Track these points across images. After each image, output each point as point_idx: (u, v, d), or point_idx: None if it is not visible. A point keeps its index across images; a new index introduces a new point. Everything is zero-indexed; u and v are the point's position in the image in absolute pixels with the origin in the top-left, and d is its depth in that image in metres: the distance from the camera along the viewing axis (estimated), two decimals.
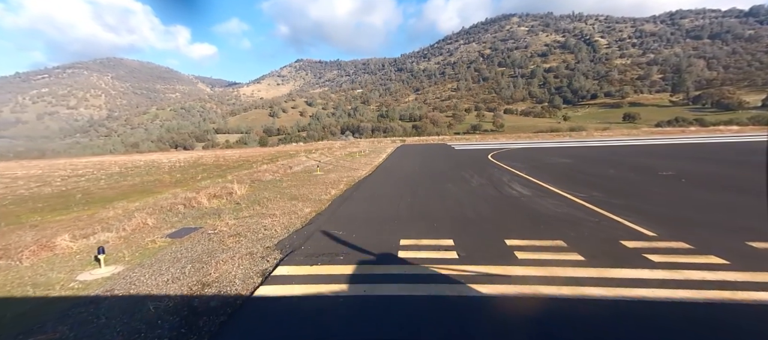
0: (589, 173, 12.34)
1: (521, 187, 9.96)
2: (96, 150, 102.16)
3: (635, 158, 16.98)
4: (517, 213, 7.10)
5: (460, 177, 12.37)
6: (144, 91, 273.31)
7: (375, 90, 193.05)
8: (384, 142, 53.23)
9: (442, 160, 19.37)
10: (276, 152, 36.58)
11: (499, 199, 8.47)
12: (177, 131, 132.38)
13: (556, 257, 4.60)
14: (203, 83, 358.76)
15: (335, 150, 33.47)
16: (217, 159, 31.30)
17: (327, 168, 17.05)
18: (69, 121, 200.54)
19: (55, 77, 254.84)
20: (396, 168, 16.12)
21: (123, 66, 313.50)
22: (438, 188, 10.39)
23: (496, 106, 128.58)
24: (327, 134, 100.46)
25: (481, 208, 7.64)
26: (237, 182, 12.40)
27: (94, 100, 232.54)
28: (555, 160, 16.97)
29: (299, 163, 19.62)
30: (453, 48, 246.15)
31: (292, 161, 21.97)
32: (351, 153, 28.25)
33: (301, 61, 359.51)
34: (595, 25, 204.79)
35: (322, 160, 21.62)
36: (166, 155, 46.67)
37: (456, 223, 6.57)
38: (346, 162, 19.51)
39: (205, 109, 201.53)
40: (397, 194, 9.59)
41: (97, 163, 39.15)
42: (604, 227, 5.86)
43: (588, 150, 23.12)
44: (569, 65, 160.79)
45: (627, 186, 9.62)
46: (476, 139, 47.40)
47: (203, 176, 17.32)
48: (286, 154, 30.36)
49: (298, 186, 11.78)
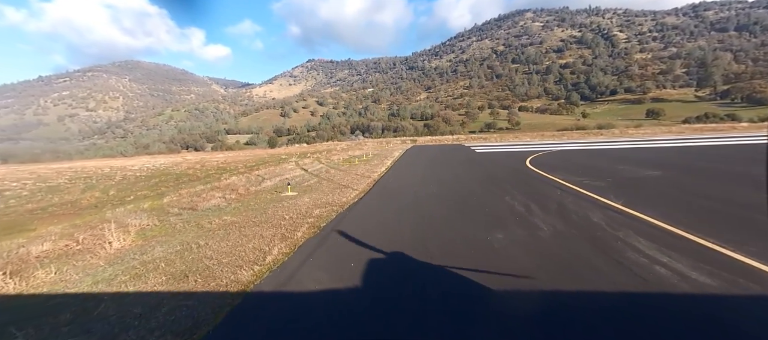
0: (747, 204, 6.72)
1: (664, 253, 4.49)
2: (107, 152, 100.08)
3: (749, 167, 11.44)
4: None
5: (506, 209, 7.24)
6: (160, 92, 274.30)
7: (386, 89, 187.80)
8: (393, 142, 47.82)
9: (465, 169, 14.21)
10: (269, 156, 31.88)
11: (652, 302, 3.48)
12: (188, 132, 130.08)
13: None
14: (217, 84, 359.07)
15: (336, 153, 28.60)
16: (195, 165, 26.74)
17: (307, 184, 12.17)
18: (88, 123, 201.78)
19: (76, 80, 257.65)
20: (403, 184, 11.01)
21: (140, 68, 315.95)
22: (476, 236, 5.46)
23: (510, 104, 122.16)
24: (336, 134, 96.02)
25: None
26: (147, 216, 7.66)
27: (112, 102, 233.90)
28: (636, 171, 11.32)
29: (277, 175, 14.90)
30: (465, 45, 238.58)
31: (274, 170, 17.29)
32: (351, 158, 23.28)
33: (313, 61, 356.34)
34: (614, 19, 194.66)
35: (310, 169, 16.83)
36: (156, 159, 42.59)
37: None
38: (339, 173, 14.58)
39: (219, 110, 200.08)
40: (398, 256, 4.81)
41: (79, 167, 35.34)
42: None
43: (659, 153, 17.52)
44: (586, 61, 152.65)
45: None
46: (494, 139, 41.61)
47: (136, 195, 12.75)
48: (275, 160, 25.65)
49: (230, 232, 6.84)
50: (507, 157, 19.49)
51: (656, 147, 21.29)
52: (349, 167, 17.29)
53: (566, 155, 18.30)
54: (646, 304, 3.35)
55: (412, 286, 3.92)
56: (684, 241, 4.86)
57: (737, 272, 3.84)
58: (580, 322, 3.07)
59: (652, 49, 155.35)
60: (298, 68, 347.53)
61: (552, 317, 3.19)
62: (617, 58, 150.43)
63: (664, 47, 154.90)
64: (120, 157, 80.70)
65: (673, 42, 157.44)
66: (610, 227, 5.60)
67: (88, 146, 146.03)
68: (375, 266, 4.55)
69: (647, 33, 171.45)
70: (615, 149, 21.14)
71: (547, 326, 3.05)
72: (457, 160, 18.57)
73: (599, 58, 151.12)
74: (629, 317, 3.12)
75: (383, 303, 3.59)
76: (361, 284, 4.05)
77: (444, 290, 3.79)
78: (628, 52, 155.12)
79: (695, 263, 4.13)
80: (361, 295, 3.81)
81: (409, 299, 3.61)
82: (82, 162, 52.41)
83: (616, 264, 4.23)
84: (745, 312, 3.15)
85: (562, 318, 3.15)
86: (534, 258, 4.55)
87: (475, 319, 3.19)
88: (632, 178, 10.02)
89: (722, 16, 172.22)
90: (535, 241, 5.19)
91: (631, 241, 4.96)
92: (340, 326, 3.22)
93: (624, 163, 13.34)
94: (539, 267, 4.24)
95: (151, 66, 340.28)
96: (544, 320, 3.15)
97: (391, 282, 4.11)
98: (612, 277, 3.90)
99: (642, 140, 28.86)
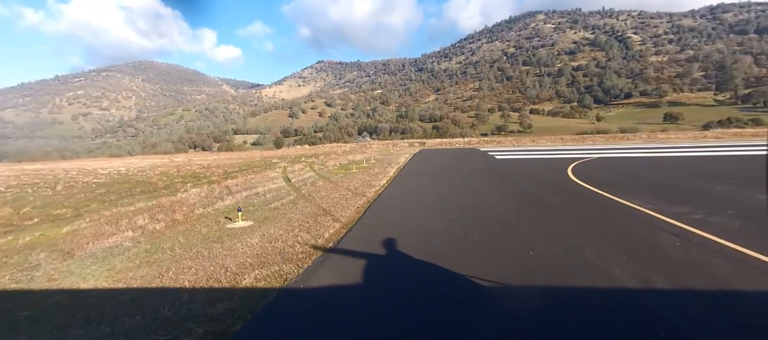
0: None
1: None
2: (115, 151, 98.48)
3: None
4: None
5: (591, 271, 3.79)
6: (172, 92, 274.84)
7: (395, 90, 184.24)
8: (400, 145, 43.94)
9: (490, 184, 10.88)
10: (263, 158, 28.44)
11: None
12: (197, 132, 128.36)
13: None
14: (228, 85, 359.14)
15: (335, 157, 24.94)
16: (172, 169, 23.48)
17: (277, 205, 8.73)
18: (101, 122, 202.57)
19: (91, 80, 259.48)
20: (408, 211, 7.41)
21: (153, 69, 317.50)
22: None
23: (521, 106, 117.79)
24: (343, 135, 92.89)
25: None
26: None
27: (124, 102, 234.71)
28: (748, 195, 7.72)
29: (250, 187, 11.47)
30: (475, 47, 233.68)
31: (250, 180, 13.93)
32: (350, 164, 19.94)
33: (322, 63, 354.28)
34: (628, 21, 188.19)
35: (296, 179, 13.53)
36: (146, 160, 39.64)
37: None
38: (328, 185, 11.03)
39: (228, 110, 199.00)
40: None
41: (62, 168, 32.63)
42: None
43: (728, 163, 13.73)
44: (599, 63, 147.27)
45: None
46: (509, 143, 37.48)
47: (44, 215, 9.53)
48: (264, 164, 22.33)
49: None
50: (538, 166, 15.75)
51: (713, 156, 17.28)
52: (343, 177, 13.98)
53: (616, 165, 14.28)
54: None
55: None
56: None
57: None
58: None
59: (668, 52, 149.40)
60: (308, 69, 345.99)
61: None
62: (631, 61, 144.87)
63: (681, 50, 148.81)
64: (124, 156, 78.72)
65: (690, 45, 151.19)
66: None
67: (99, 144, 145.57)
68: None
69: (663, 35, 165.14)
70: (668, 157, 17.03)
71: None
72: (476, 170, 14.83)
73: (613, 61, 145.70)
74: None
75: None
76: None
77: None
78: (643, 55, 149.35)
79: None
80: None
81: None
82: (79, 162, 50.10)
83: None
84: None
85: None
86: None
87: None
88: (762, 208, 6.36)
89: (741, 18, 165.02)
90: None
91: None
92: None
93: (713, 181, 9.52)
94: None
95: (164, 66, 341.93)
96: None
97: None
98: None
99: (684, 147, 24.65)
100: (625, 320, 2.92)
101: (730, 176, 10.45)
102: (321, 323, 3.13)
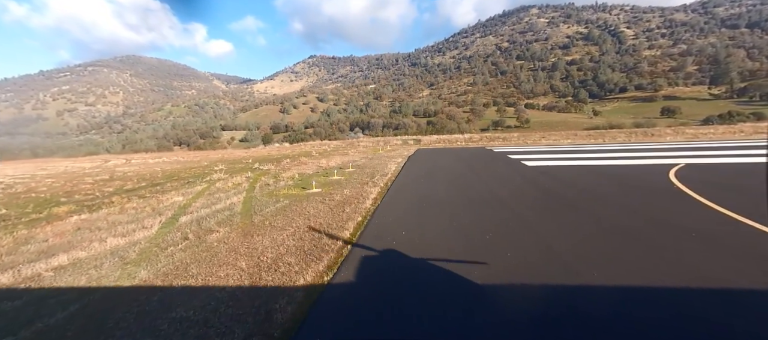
0: None
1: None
2: (91, 149, 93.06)
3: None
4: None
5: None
6: (161, 88, 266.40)
7: (388, 85, 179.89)
8: (392, 143, 39.13)
9: (578, 235, 5.72)
10: (223, 160, 24.24)
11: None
12: (183, 128, 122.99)
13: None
14: (219, 80, 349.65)
15: (304, 163, 19.34)
16: (100, 176, 19.24)
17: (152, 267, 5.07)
18: (87, 118, 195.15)
19: (77, 75, 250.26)
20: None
21: (142, 63, 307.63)
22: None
23: (516, 101, 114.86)
24: (334, 131, 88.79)
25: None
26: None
27: (112, 97, 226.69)
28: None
29: (108, 226, 7.95)
30: (469, 41, 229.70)
31: (136, 210, 10.04)
32: (315, 175, 13.92)
33: (315, 58, 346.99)
34: (621, 16, 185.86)
35: (202, 212, 8.95)
36: (76, 163, 34.95)
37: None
38: (246, 235, 6.41)
39: (219, 106, 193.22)
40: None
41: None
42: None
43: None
44: (593, 58, 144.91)
45: None
46: (516, 139, 33.33)
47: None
48: (202, 174, 18.08)
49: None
50: (608, 179, 10.52)
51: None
52: (290, 205, 8.68)
53: (730, 174, 10.41)
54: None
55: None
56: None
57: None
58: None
59: (661, 46, 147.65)
60: (300, 64, 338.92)
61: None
62: (625, 55, 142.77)
63: (674, 44, 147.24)
64: (93, 157, 73.80)
65: (682, 39, 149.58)
66: None
67: (83, 142, 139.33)
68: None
69: (656, 30, 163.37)
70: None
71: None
72: (517, 194, 9.08)
73: (607, 55, 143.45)
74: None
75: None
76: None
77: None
78: (637, 49, 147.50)
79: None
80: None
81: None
82: (41, 162, 45.49)
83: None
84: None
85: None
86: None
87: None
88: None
89: (733, 12, 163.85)
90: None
91: None
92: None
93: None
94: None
95: (153, 61, 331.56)
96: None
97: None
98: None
99: (735, 143, 21.06)
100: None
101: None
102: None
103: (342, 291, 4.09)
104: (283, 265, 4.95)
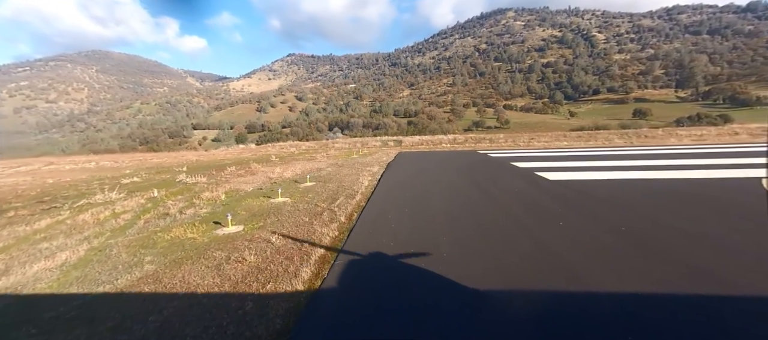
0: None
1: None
2: (47, 149, 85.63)
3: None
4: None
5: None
6: (131, 84, 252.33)
7: (368, 85, 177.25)
8: (371, 144, 36.03)
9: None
10: (160, 164, 21.01)
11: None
12: (150, 127, 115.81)
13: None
14: (193, 78, 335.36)
15: (267, 167, 15.17)
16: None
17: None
18: (47, 116, 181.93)
19: (37, 70, 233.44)
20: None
21: (109, 59, 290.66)
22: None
23: (494, 102, 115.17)
24: (313, 131, 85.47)
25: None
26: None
27: (75, 94, 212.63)
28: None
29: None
30: (448, 42, 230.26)
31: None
32: (256, 193, 9.32)
33: (294, 56, 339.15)
34: (592, 20, 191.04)
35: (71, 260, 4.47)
36: (29, 164, 30.45)
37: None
38: None
39: (192, 104, 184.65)
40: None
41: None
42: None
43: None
44: (567, 60, 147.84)
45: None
46: (503, 141, 31.19)
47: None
48: (97, 187, 14.77)
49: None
50: (705, 209, 5.93)
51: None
52: (152, 275, 3.99)
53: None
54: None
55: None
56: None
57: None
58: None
59: (630, 50, 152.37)
60: (278, 62, 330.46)
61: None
62: (597, 59, 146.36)
63: (642, 48, 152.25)
64: (49, 157, 67.46)
65: (649, 44, 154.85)
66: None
67: (40, 141, 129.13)
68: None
69: (625, 34, 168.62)
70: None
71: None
72: (588, 248, 4.28)
73: (580, 58, 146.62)
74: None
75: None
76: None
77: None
78: (607, 53, 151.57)
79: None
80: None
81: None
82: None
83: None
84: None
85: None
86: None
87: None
88: None
89: (695, 19, 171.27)
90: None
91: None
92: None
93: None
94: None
95: (122, 57, 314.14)
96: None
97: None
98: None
99: (734, 147, 19.36)
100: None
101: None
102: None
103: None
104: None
